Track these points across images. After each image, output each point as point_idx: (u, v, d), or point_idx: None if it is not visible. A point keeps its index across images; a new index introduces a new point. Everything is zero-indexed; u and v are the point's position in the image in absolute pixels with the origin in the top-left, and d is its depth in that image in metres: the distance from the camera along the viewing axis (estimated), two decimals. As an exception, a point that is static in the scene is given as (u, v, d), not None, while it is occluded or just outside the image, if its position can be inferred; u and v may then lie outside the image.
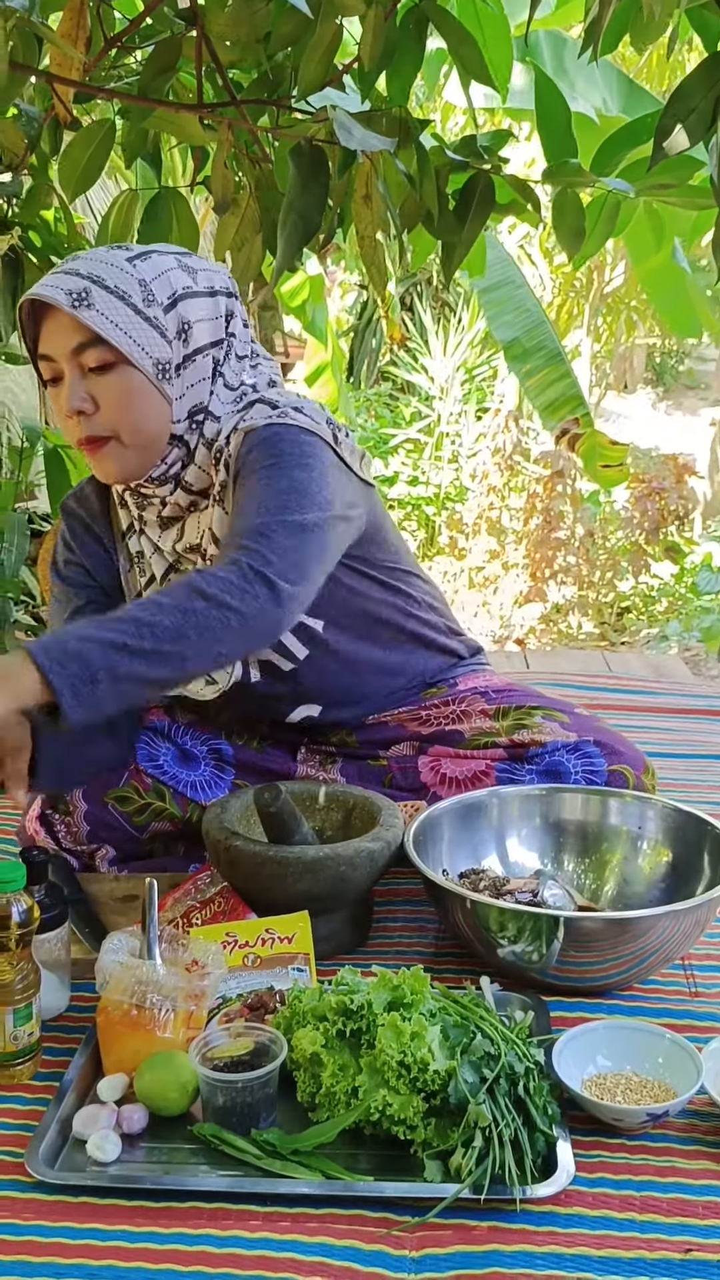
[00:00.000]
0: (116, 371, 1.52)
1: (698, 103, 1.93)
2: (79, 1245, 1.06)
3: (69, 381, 1.52)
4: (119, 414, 1.54)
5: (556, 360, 4.26)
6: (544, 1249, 1.06)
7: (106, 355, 1.51)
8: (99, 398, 1.53)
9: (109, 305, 1.50)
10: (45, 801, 1.72)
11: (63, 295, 1.49)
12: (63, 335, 1.52)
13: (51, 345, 1.53)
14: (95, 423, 1.54)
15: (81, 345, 1.51)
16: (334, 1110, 1.20)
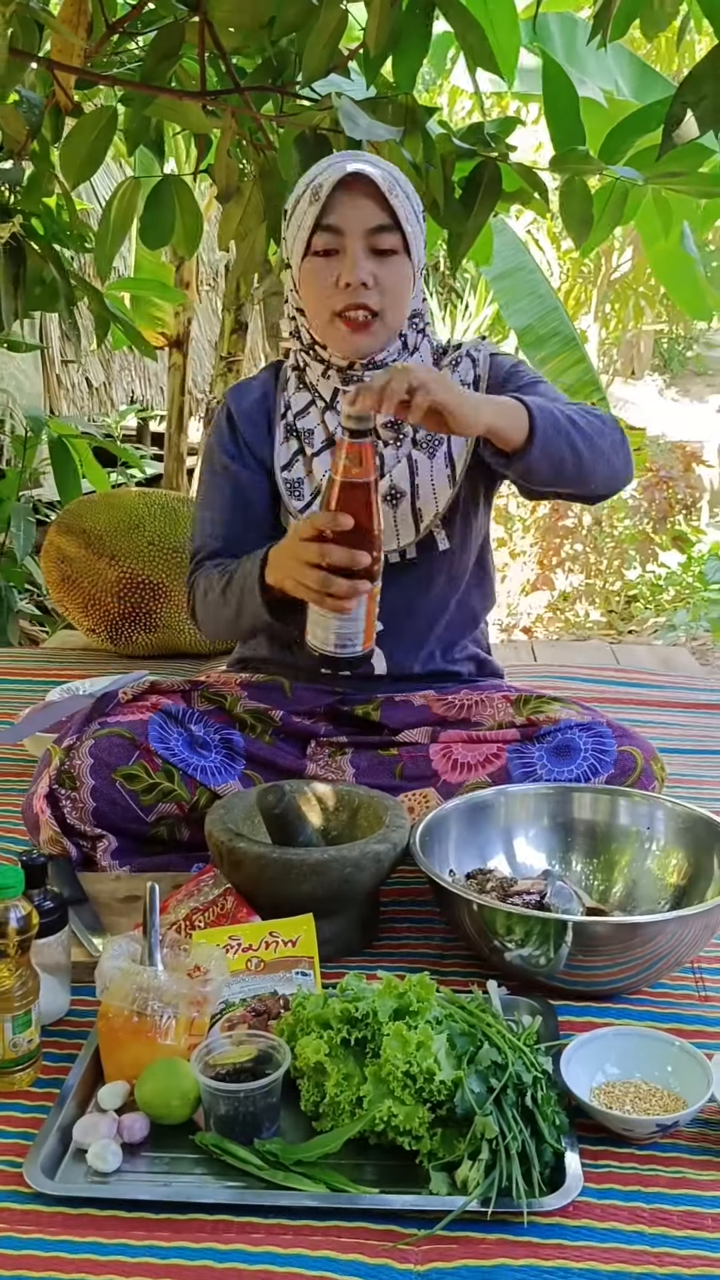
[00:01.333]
0: (397, 259, 1.71)
1: (708, 90, 1.90)
2: (78, 1260, 1.04)
3: (355, 255, 1.68)
4: (392, 297, 1.72)
5: (571, 346, 4.21)
6: (551, 1263, 1.04)
7: (396, 242, 1.70)
8: (379, 277, 1.70)
9: (406, 200, 1.71)
10: (53, 778, 1.70)
11: (379, 176, 1.68)
12: (365, 212, 1.68)
13: (348, 219, 1.68)
14: (371, 297, 1.70)
15: (381, 227, 1.68)
16: (338, 1120, 1.18)
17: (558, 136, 2.55)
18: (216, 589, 1.75)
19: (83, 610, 2.89)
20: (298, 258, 1.73)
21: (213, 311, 6.74)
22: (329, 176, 1.68)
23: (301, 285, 1.75)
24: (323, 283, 1.71)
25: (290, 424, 1.85)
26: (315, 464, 1.82)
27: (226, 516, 1.85)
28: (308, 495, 1.82)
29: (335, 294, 1.70)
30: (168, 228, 2.51)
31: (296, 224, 1.72)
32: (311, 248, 1.70)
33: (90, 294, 2.83)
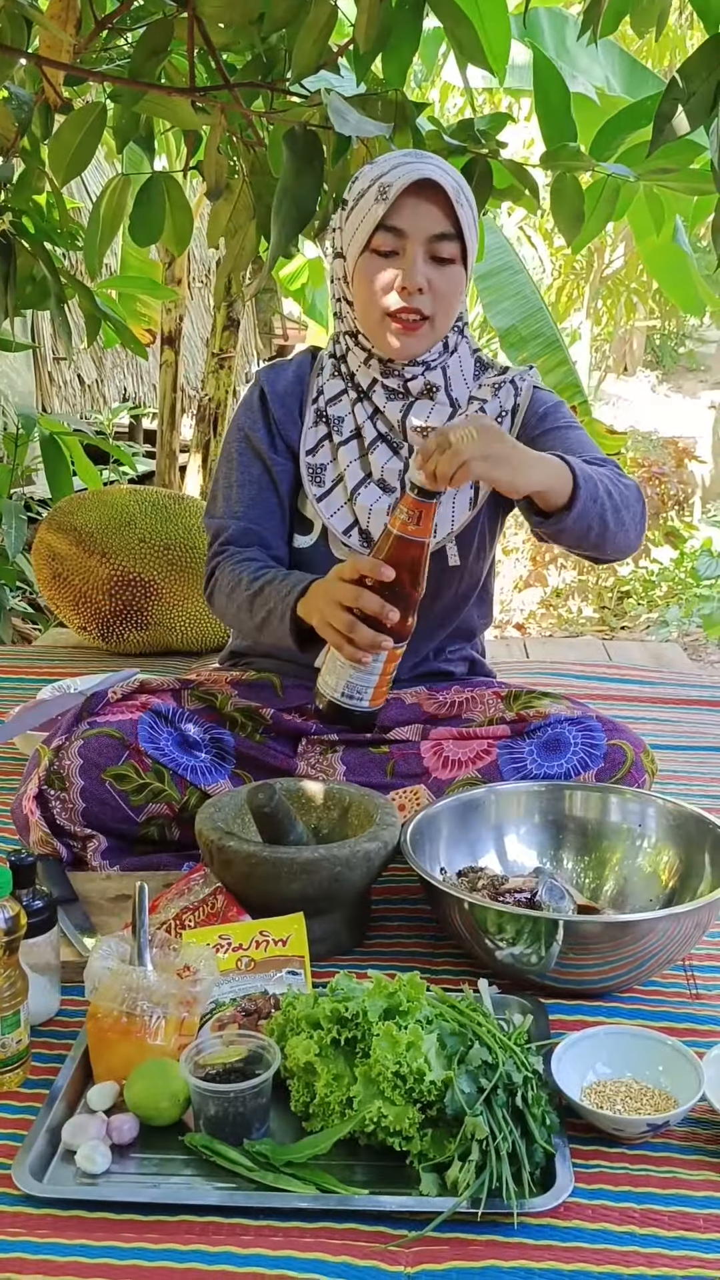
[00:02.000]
0: (454, 267, 1.74)
1: (698, 86, 1.90)
2: (66, 1262, 1.03)
3: (415, 259, 1.70)
4: (444, 303, 1.75)
5: (554, 347, 4.22)
6: (542, 1264, 1.04)
7: (455, 251, 1.73)
8: (435, 284, 1.72)
9: (469, 210, 1.74)
10: (42, 778, 1.70)
11: (449, 184, 1.70)
12: (430, 219, 1.70)
13: (412, 223, 1.69)
14: (425, 302, 1.72)
15: (444, 235, 1.71)
16: (328, 1121, 1.17)
17: (549, 133, 2.55)
18: (243, 593, 1.73)
19: (74, 608, 2.88)
20: (355, 251, 1.74)
21: (205, 308, 6.73)
22: (400, 178, 1.68)
23: (356, 280, 1.76)
24: (379, 282, 1.73)
25: (321, 409, 1.85)
26: (341, 452, 1.83)
27: (251, 495, 1.85)
28: (328, 483, 1.83)
29: (390, 295, 1.72)
30: (157, 225, 2.49)
31: (359, 218, 1.72)
32: (372, 245, 1.72)
33: (81, 292, 2.81)
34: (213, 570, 1.83)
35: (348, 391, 1.84)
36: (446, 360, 1.82)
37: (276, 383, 1.89)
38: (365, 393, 1.82)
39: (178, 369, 4.82)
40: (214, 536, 1.86)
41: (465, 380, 1.84)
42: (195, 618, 2.87)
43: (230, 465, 1.89)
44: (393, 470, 1.81)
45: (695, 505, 7.75)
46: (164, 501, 2.94)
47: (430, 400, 1.81)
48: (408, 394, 1.80)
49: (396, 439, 1.82)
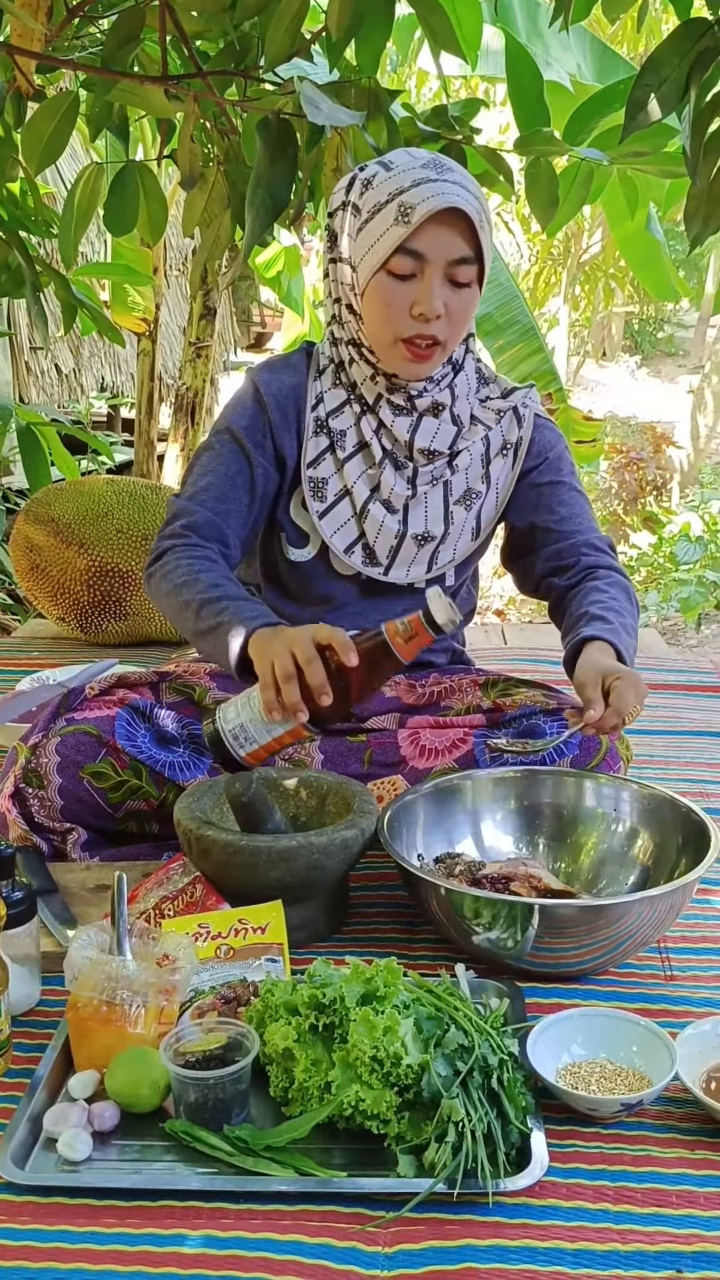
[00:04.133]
0: (470, 289, 1.70)
1: (670, 72, 1.90)
2: (48, 1248, 1.04)
3: (434, 285, 1.65)
4: (457, 326, 1.71)
5: (529, 335, 4.22)
6: (518, 1242, 1.06)
7: (473, 275, 1.69)
8: (451, 308, 1.68)
9: (489, 229, 1.70)
10: (19, 777, 1.70)
11: (473, 210, 1.65)
12: (452, 243, 1.65)
13: (434, 247, 1.64)
14: (440, 328, 1.68)
15: (464, 259, 1.66)
16: (307, 1105, 1.19)
17: (522, 118, 2.55)
18: (195, 593, 1.64)
19: (52, 599, 2.88)
20: (369, 268, 1.67)
21: (182, 297, 6.71)
22: (424, 202, 1.61)
23: (369, 298, 1.69)
24: (394, 305, 1.67)
25: (322, 420, 1.80)
26: (347, 468, 1.79)
27: (222, 490, 1.77)
28: (331, 497, 1.80)
29: (405, 320, 1.67)
30: (131, 214, 2.49)
31: (375, 234, 1.65)
32: (389, 266, 1.65)
33: (56, 280, 2.80)
34: (164, 551, 1.74)
35: (350, 404, 1.79)
36: (454, 379, 1.80)
37: (273, 385, 1.82)
38: (370, 406, 1.78)
39: (155, 358, 4.80)
40: (175, 516, 1.77)
41: (469, 397, 1.83)
42: (174, 607, 2.87)
43: (211, 455, 1.81)
44: (400, 493, 1.79)
45: (674, 490, 7.78)
46: (141, 492, 2.94)
47: (435, 418, 1.79)
48: (414, 410, 1.78)
49: (402, 458, 1.80)
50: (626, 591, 1.79)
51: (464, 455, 1.82)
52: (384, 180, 1.66)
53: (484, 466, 1.84)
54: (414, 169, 1.65)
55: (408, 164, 1.66)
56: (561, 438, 1.95)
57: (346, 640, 1.45)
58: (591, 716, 1.55)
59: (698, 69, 1.89)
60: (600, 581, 1.78)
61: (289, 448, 1.81)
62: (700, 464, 9.04)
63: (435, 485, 1.81)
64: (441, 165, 1.66)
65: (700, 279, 11.07)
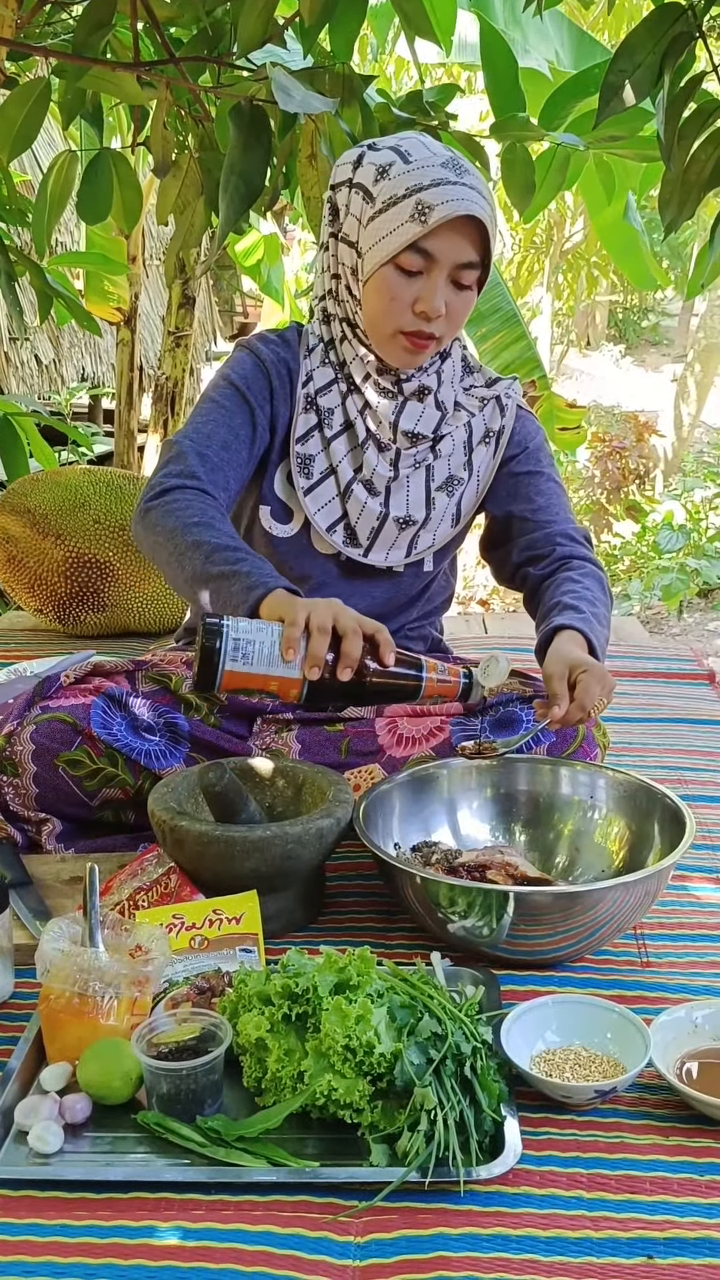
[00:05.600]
0: (472, 291, 1.72)
1: (644, 57, 1.90)
2: (16, 1241, 1.04)
3: (438, 285, 1.67)
4: (454, 323, 1.73)
5: (512, 323, 4.21)
6: (490, 1230, 1.05)
7: (476, 278, 1.71)
8: (451, 308, 1.70)
9: (496, 237, 1.72)
10: None
11: (489, 220, 1.67)
12: (462, 248, 1.66)
13: (445, 250, 1.65)
14: (438, 326, 1.70)
15: (470, 264, 1.68)
16: (280, 1095, 1.18)
17: (498, 103, 2.54)
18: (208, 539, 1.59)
19: (29, 590, 2.86)
20: (377, 259, 1.66)
21: (162, 286, 6.68)
22: (441, 204, 1.61)
23: (372, 288, 1.69)
24: (398, 299, 1.68)
25: (311, 396, 1.80)
26: (333, 446, 1.79)
27: (225, 438, 1.75)
28: (317, 474, 1.80)
29: (407, 314, 1.68)
30: (105, 202, 2.47)
31: (387, 227, 1.64)
32: (398, 261, 1.66)
33: (31, 269, 2.79)
34: (170, 488, 1.67)
35: (338, 382, 1.80)
36: (441, 366, 1.81)
37: (270, 354, 1.81)
38: (357, 386, 1.79)
39: (135, 348, 4.78)
40: (179, 455, 1.71)
41: (454, 383, 1.84)
42: (152, 599, 2.86)
43: (212, 404, 1.77)
44: (382, 475, 1.79)
45: (657, 479, 7.78)
46: (118, 482, 2.93)
47: (420, 402, 1.79)
48: (400, 393, 1.78)
49: (385, 440, 1.80)
50: (600, 582, 1.79)
51: (447, 441, 1.82)
52: (402, 173, 1.64)
53: (466, 454, 1.84)
54: (434, 166, 1.64)
55: (427, 160, 1.65)
56: (541, 429, 1.95)
57: (391, 640, 1.50)
58: (556, 713, 1.54)
59: (671, 54, 1.89)
60: (574, 572, 1.78)
61: (282, 415, 1.81)
62: (683, 452, 9.05)
63: (418, 469, 1.81)
64: (460, 166, 1.66)
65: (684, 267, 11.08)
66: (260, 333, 1.89)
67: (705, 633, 5.85)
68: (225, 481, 1.73)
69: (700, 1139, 1.17)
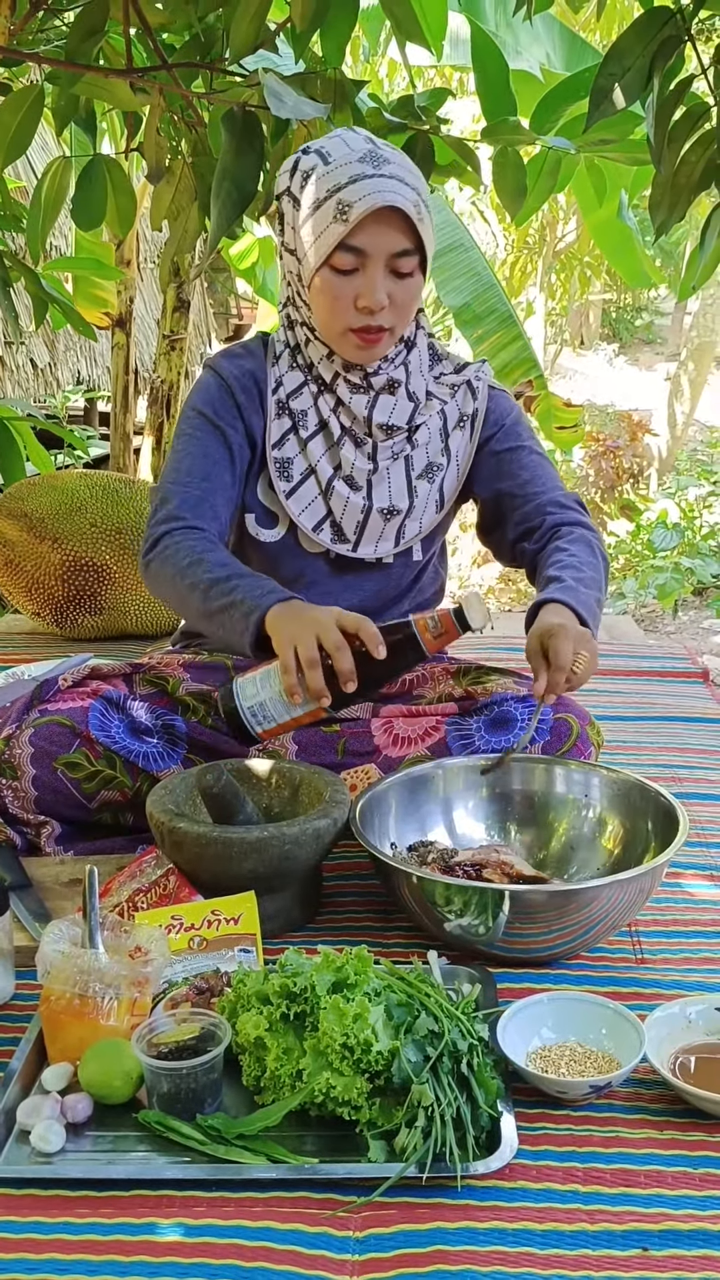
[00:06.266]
0: (414, 278, 1.72)
1: (634, 60, 1.91)
2: (19, 1239, 1.05)
3: (377, 278, 1.68)
4: (403, 312, 1.74)
5: (508, 324, 4.23)
6: (487, 1225, 1.07)
7: (415, 264, 1.71)
8: (395, 297, 1.71)
9: (428, 218, 1.71)
10: None
11: (410, 205, 1.66)
12: (391, 238, 1.67)
13: (373, 243, 1.66)
14: (385, 317, 1.71)
15: (404, 252, 1.69)
16: (279, 1094, 1.19)
17: (489, 107, 2.55)
18: (202, 574, 1.64)
19: (26, 594, 2.88)
20: (313, 263, 1.70)
21: (157, 289, 6.68)
22: (360, 200, 1.63)
23: (315, 293, 1.72)
24: (339, 299, 1.70)
25: (283, 401, 1.82)
26: (310, 447, 1.81)
27: (205, 469, 1.79)
28: (296, 476, 1.82)
29: (351, 312, 1.70)
30: (99, 208, 2.48)
31: (315, 231, 1.68)
32: (331, 262, 1.69)
33: (26, 274, 2.80)
34: (160, 536, 1.74)
35: (308, 384, 1.82)
36: (407, 357, 1.82)
37: (234, 369, 1.84)
38: (328, 385, 1.81)
39: (130, 351, 4.79)
40: (163, 501, 1.78)
41: (423, 373, 1.85)
42: (149, 601, 2.87)
43: (186, 439, 1.82)
44: (361, 469, 1.81)
45: (651, 478, 7.80)
46: (115, 485, 2.94)
47: (392, 395, 1.81)
48: (370, 388, 1.80)
49: (361, 434, 1.82)
50: (588, 544, 1.78)
51: (422, 430, 1.84)
52: (322, 175, 1.67)
53: (443, 440, 1.86)
54: (351, 163, 1.66)
55: (345, 157, 1.67)
56: (516, 405, 1.96)
57: (375, 632, 1.49)
58: (538, 688, 1.55)
59: (660, 57, 1.90)
60: (562, 540, 1.78)
61: (256, 427, 1.83)
62: (677, 451, 9.07)
63: (396, 460, 1.83)
64: (378, 158, 1.67)
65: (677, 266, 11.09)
66: (225, 348, 1.93)
67: (700, 631, 5.87)
68: (214, 511, 1.77)
69: (694, 1133, 1.19)
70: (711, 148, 1.98)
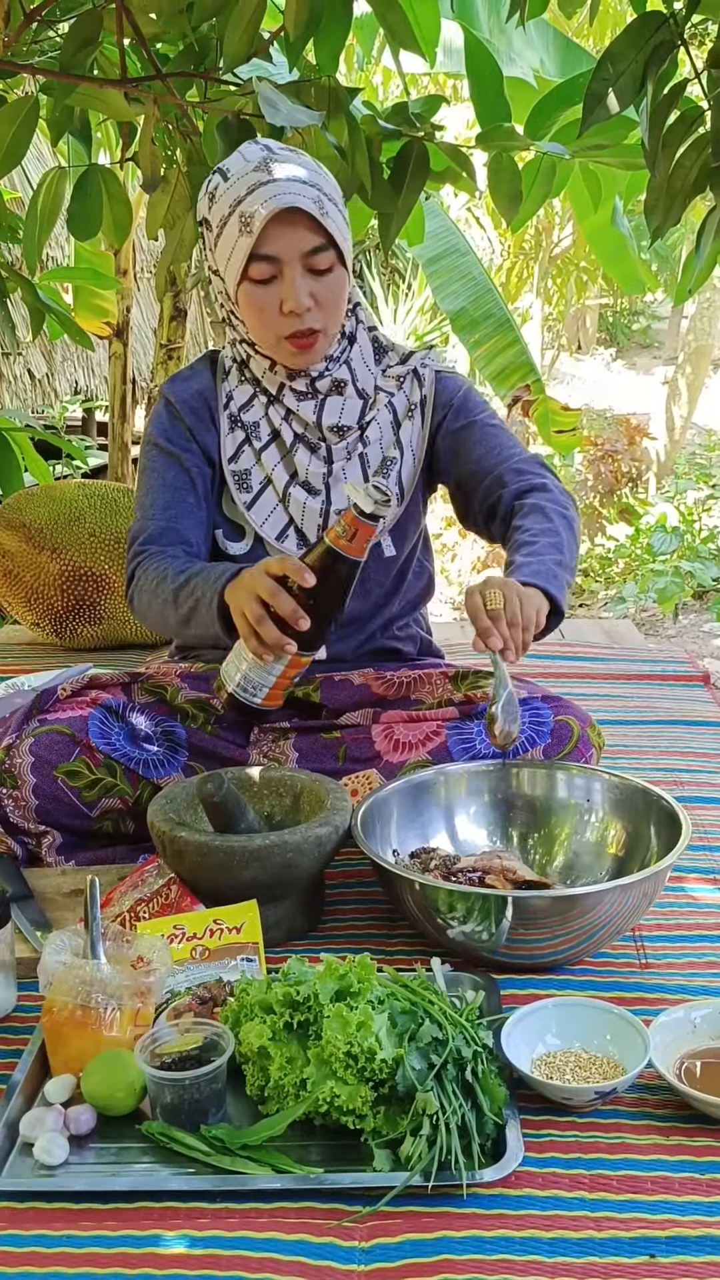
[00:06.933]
0: (335, 273, 1.72)
1: (627, 65, 1.91)
2: (23, 1253, 1.05)
3: (296, 281, 1.68)
4: (332, 309, 1.74)
5: (505, 328, 4.23)
6: (493, 1233, 1.06)
7: (332, 259, 1.70)
8: (319, 296, 1.71)
9: (336, 212, 1.71)
10: None
11: (310, 203, 1.66)
12: (299, 239, 1.67)
13: (283, 247, 1.67)
14: (314, 318, 1.71)
15: (316, 249, 1.68)
16: (283, 1103, 1.19)
17: (483, 113, 2.56)
18: (168, 587, 1.69)
19: (26, 605, 2.87)
20: (233, 279, 1.71)
21: (154, 299, 6.69)
22: (259, 207, 1.64)
23: (242, 308, 1.73)
24: (265, 309, 1.71)
25: (234, 415, 1.84)
26: (264, 457, 1.82)
27: (166, 499, 1.83)
28: (255, 487, 1.83)
29: (279, 319, 1.71)
30: (95, 218, 2.49)
31: (227, 248, 1.69)
32: (248, 275, 1.69)
33: (23, 285, 2.80)
34: (133, 572, 1.79)
35: (258, 396, 1.83)
36: (350, 352, 1.83)
37: (183, 392, 1.87)
38: (275, 396, 1.82)
39: (127, 360, 4.80)
40: (133, 539, 1.83)
41: (369, 367, 1.85)
42: (149, 610, 2.87)
43: (147, 472, 1.87)
44: (316, 473, 1.82)
45: (650, 482, 7.81)
46: (113, 495, 2.94)
47: (340, 395, 1.81)
48: (317, 393, 1.81)
49: (314, 439, 1.82)
50: (542, 511, 1.74)
51: (373, 427, 1.85)
52: (223, 192, 1.69)
53: (394, 433, 1.87)
54: (247, 174, 1.68)
55: (241, 169, 1.69)
56: (465, 382, 1.95)
57: (298, 564, 1.48)
58: (494, 644, 1.53)
59: (654, 62, 1.90)
60: (517, 516, 1.76)
61: (211, 445, 1.85)
62: (675, 455, 9.07)
63: (351, 460, 1.84)
64: (270, 164, 1.68)
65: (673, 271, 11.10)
66: (177, 373, 1.96)
67: (700, 634, 5.86)
68: (181, 536, 1.80)
69: (701, 1138, 1.18)
70: (706, 151, 1.98)
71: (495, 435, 1.88)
